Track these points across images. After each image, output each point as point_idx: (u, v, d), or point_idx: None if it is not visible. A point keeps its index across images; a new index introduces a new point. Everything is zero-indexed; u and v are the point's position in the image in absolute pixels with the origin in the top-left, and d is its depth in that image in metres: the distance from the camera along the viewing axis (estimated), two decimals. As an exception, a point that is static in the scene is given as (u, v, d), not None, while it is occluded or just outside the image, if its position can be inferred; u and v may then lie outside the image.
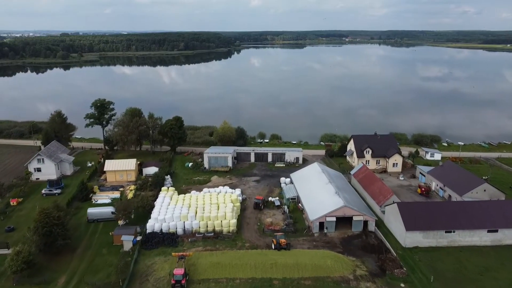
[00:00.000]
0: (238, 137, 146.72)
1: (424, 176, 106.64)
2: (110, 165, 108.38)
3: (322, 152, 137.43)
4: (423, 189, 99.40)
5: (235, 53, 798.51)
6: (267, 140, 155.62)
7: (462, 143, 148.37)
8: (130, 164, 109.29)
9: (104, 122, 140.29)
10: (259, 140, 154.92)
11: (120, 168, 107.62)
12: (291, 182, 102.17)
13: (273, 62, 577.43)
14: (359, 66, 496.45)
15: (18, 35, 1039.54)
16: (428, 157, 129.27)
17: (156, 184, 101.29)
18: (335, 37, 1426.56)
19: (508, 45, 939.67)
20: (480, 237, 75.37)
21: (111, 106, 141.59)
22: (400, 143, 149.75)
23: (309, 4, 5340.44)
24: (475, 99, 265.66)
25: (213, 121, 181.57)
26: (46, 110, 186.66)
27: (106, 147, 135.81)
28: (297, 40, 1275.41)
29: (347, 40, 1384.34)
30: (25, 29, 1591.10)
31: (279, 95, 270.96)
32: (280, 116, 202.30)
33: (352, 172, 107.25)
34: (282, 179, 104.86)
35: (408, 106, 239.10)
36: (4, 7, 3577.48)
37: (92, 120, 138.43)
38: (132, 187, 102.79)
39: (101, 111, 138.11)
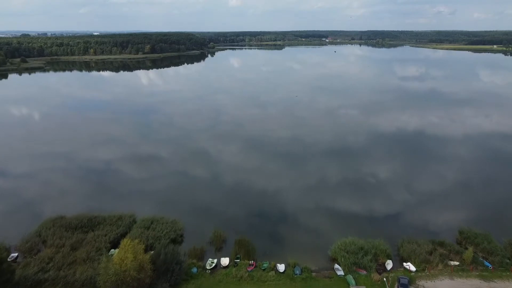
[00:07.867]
0: (161, 273, 67.74)
1: None
2: None
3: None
4: None
5: (209, 55, 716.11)
6: (227, 260, 76.23)
7: None
8: None
9: None
10: (208, 265, 75.27)
11: None
12: None
13: (252, 62, 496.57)
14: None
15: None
16: None
17: None
18: (314, 38, 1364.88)
19: (495, 46, 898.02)
20: None
21: None
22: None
23: (289, 4, 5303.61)
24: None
25: (135, 200, 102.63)
26: None
27: None
28: (275, 41, 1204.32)
29: (327, 40, 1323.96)
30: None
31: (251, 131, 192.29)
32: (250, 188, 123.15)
33: None
34: None
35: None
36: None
37: None
38: None
39: None
